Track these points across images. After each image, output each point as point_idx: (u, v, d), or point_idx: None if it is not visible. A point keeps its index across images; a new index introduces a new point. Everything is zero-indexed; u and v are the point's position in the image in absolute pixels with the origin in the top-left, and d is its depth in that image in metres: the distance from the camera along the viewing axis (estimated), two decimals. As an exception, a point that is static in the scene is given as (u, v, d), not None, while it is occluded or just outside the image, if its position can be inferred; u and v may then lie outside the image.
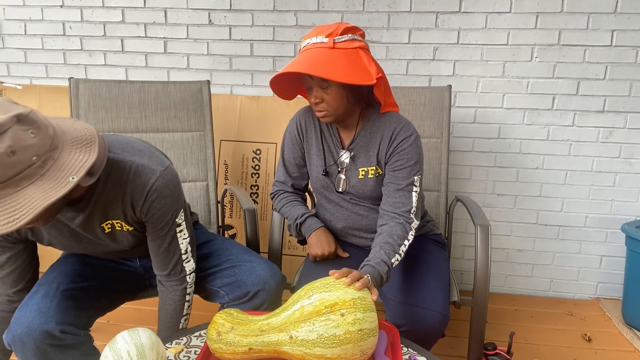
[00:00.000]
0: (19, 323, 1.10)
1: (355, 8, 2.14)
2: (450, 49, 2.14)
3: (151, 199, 1.08)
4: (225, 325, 0.95)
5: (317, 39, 1.27)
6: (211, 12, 2.22)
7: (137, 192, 1.07)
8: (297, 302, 0.92)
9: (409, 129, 1.35)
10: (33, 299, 1.15)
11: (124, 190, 1.07)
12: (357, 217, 1.45)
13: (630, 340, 1.98)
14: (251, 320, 0.96)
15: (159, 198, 1.09)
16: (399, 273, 1.37)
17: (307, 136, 1.47)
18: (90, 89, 1.80)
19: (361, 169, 1.39)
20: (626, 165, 2.18)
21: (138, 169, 1.07)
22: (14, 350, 1.12)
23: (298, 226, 1.47)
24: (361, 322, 0.88)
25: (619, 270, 2.24)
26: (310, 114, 1.48)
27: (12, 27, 2.34)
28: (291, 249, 2.25)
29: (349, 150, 1.40)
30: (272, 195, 1.57)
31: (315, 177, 1.46)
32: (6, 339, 1.11)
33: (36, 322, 1.10)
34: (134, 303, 1.32)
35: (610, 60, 2.07)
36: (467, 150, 2.24)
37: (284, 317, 0.92)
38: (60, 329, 1.11)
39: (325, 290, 0.91)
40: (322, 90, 1.28)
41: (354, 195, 1.42)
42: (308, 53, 1.25)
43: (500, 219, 2.30)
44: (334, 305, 0.89)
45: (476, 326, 1.46)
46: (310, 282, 0.97)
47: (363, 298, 0.92)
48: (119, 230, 1.14)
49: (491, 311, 2.17)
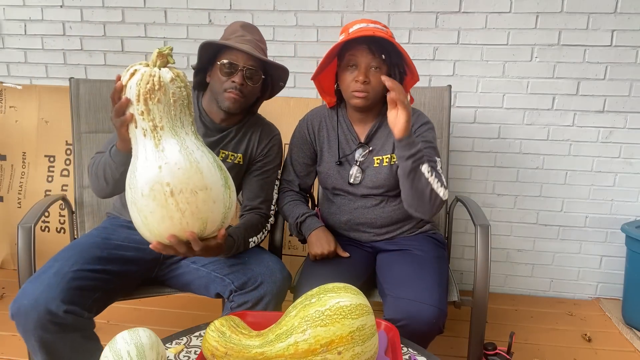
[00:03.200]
0: (26, 295, 1.12)
1: (355, 8, 2.14)
2: (450, 49, 2.14)
3: (272, 142, 1.51)
4: (219, 349, 0.90)
5: (375, 25, 1.34)
6: (211, 12, 2.22)
7: (266, 134, 1.50)
8: (290, 335, 0.86)
9: (424, 117, 1.47)
10: (46, 273, 1.17)
11: (258, 130, 1.49)
12: (363, 211, 1.48)
13: (630, 340, 1.98)
14: (245, 346, 0.90)
15: (276, 145, 1.52)
16: (397, 270, 1.38)
17: (319, 135, 1.53)
18: (90, 89, 1.80)
19: (376, 157, 1.44)
20: (626, 165, 2.18)
21: (269, 123, 1.55)
22: (15, 323, 1.13)
23: (298, 225, 1.49)
24: (359, 356, 0.84)
25: (619, 270, 2.24)
26: (323, 114, 1.53)
27: (12, 27, 2.34)
28: (291, 249, 2.26)
29: (366, 144, 1.46)
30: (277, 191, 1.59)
31: (327, 170, 1.50)
32: (12, 309, 1.13)
33: (42, 297, 1.11)
34: (134, 303, 1.32)
35: (610, 60, 2.07)
36: (467, 150, 2.24)
37: (278, 349, 0.86)
38: (65, 309, 1.12)
39: (320, 323, 0.84)
40: (373, 71, 1.33)
41: (365, 187, 1.45)
42: (372, 31, 1.30)
43: (500, 219, 2.30)
44: (330, 344, 0.83)
45: (476, 326, 1.46)
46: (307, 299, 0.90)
47: (362, 327, 0.85)
48: (227, 162, 1.45)
49: (491, 311, 2.17)
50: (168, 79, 1.01)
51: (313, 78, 1.46)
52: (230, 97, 1.34)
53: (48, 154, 2.34)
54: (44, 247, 2.31)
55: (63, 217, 2.34)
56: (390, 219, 1.48)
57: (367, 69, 1.33)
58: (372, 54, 1.32)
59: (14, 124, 2.34)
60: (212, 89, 1.40)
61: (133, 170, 1.00)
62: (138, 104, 0.99)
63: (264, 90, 1.48)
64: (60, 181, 2.34)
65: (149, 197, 0.96)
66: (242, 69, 1.34)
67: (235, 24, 1.45)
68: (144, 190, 0.96)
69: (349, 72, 1.36)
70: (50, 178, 2.34)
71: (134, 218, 1.01)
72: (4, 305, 2.12)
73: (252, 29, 1.45)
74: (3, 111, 2.34)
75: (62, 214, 2.34)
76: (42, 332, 1.11)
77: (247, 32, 1.42)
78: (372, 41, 1.32)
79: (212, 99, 1.42)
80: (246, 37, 1.39)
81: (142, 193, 0.96)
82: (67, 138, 2.29)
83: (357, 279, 1.37)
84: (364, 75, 1.33)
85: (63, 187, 2.33)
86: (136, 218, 1.00)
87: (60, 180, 2.34)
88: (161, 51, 1.02)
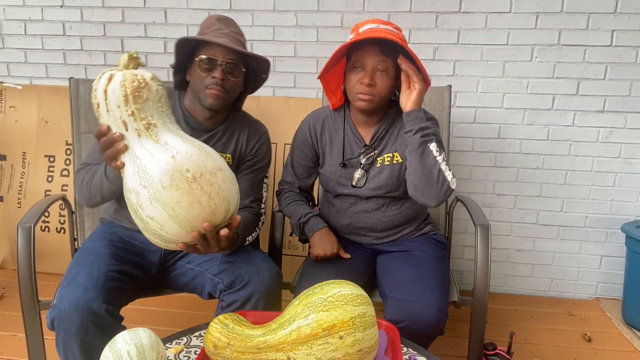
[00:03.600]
0: (65, 299, 1.12)
1: (355, 8, 2.14)
2: (450, 49, 2.14)
3: (261, 141, 1.48)
4: (222, 340, 0.92)
5: (385, 26, 1.31)
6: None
7: (255, 133, 1.48)
8: (293, 321, 0.88)
9: (429, 113, 1.44)
10: (77, 278, 1.17)
11: (246, 129, 1.46)
12: (363, 215, 1.47)
13: (630, 340, 1.98)
14: (247, 335, 0.92)
15: (265, 144, 1.49)
16: (398, 271, 1.38)
17: (322, 137, 1.50)
18: (90, 89, 1.80)
19: (379, 158, 1.43)
20: (626, 165, 2.18)
21: (256, 120, 1.52)
22: (56, 328, 1.12)
23: (301, 225, 1.48)
24: (361, 343, 0.86)
25: (619, 270, 2.24)
26: (325, 116, 1.51)
27: (12, 27, 2.34)
28: (291, 249, 2.25)
29: (372, 147, 1.44)
30: (278, 193, 1.60)
31: (329, 173, 1.48)
32: (51, 316, 1.12)
33: (84, 299, 1.11)
34: (134, 303, 1.32)
35: (610, 60, 2.07)
36: (467, 150, 2.24)
37: (280, 335, 0.88)
38: (105, 308, 1.13)
39: (322, 309, 0.86)
40: (379, 73, 1.31)
41: (368, 189, 1.44)
42: (382, 32, 1.28)
43: (500, 219, 2.30)
44: (332, 328, 0.85)
45: (476, 326, 1.46)
46: (309, 290, 0.93)
47: (362, 314, 0.87)
48: None
49: (491, 311, 2.17)
50: (149, 77, 1.01)
51: (320, 77, 1.43)
52: (212, 93, 1.30)
53: (48, 154, 2.34)
54: (44, 247, 2.31)
55: (63, 217, 2.34)
56: (391, 223, 1.47)
57: (373, 71, 1.31)
58: (379, 56, 1.30)
59: (14, 124, 2.34)
60: (193, 87, 1.37)
61: (138, 170, 0.96)
62: (127, 105, 0.97)
63: (247, 84, 1.44)
64: (60, 181, 2.34)
65: (171, 188, 0.93)
66: (222, 64, 1.30)
67: (211, 17, 1.41)
68: (163, 182, 0.93)
69: (355, 73, 1.33)
70: (50, 178, 2.34)
71: (158, 217, 0.95)
72: (4, 305, 2.12)
73: (228, 21, 1.41)
74: (3, 111, 2.35)
75: (62, 214, 2.34)
76: (84, 334, 1.11)
77: (223, 25, 1.38)
78: (381, 43, 1.29)
79: (194, 98, 1.38)
80: (223, 31, 1.35)
81: (163, 185, 0.93)
82: (67, 138, 2.30)
83: (357, 279, 1.36)
84: (370, 77, 1.30)
85: (63, 187, 2.33)
86: (160, 216, 0.94)
87: (60, 180, 2.34)
88: (132, 54, 1.02)
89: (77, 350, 1.11)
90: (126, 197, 0.98)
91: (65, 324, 1.10)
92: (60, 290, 1.16)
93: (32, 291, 1.30)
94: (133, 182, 0.96)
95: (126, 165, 0.99)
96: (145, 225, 0.97)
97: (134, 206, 0.96)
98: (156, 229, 0.96)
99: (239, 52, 1.32)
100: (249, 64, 1.39)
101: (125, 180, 0.98)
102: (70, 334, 1.10)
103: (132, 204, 0.97)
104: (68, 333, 1.11)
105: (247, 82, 1.43)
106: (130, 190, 0.96)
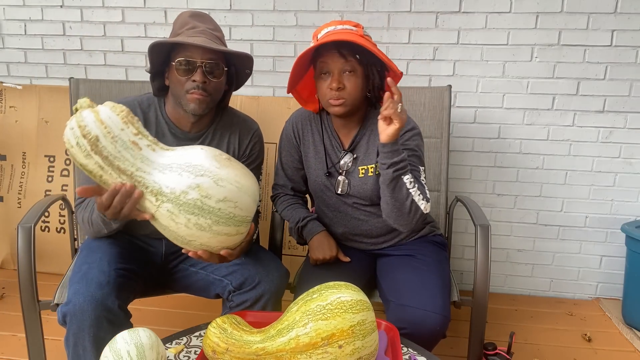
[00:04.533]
0: (78, 294, 1.11)
1: (355, 8, 2.14)
2: (450, 49, 2.14)
3: (254, 140, 1.42)
4: (220, 345, 0.91)
5: (342, 26, 1.27)
6: (211, 12, 2.22)
7: (246, 132, 1.41)
8: (292, 329, 0.87)
9: (411, 122, 1.38)
10: (90, 273, 1.16)
11: (237, 130, 1.39)
12: (357, 222, 1.45)
13: (630, 340, 1.98)
14: (246, 341, 0.91)
15: (258, 142, 1.44)
16: (399, 275, 1.37)
17: (304, 139, 1.47)
18: (90, 89, 1.80)
19: (361, 167, 1.39)
20: (626, 165, 2.18)
21: (245, 118, 1.45)
22: (68, 323, 1.11)
23: (299, 229, 1.46)
24: (360, 351, 0.85)
25: (619, 270, 2.24)
26: (308, 116, 1.47)
27: (12, 27, 2.34)
28: (291, 249, 2.25)
29: (351, 151, 1.40)
30: (273, 197, 1.57)
31: (314, 180, 1.45)
32: (63, 311, 1.11)
33: (98, 294, 1.11)
34: (134, 303, 1.32)
35: (610, 60, 2.07)
36: (467, 150, 2.24)
37: (279, 343, 0.87)
38: (118, 304, 1.13)
39: (321, 317, 0.85)
40: (347, 75, 1.27)
41: (354, 197, 1.41)
42: (339, 33, 1.24)
43: (500, 219, 2.30)
44: (331, 337, 0.84)
45: (476, 326, 1.46)
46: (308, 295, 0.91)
47: (362, 322, 0.86)
48: None
49: (491, 311, 2.17)
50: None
51: (289, 91, 1.37)
52: (194, 98, 1.22)
53: (48, 154, 2.34)
54: (44, 247, 2.31)
55: (63, 217, 2.34)
56: (386, 228, 1.44)
57: (340, 74, 1.26)
58: (343, 58, 1.25)
59: (14, 124, 2.34)
60: (173, 93, 1.27)
61: (183, 169, 0.94)
62: (128, 127, 0.97)
63: (230, 82, 1.35)
64: (60, 181, 2.34)
65: (223, 166, 0.98)
66: (201, 65, 1.21)
67: (183, 14, 1.31)
68: (216, 164, 0.97)
69: (323, 80, 1.29)
70: (50, 178, 2.34)
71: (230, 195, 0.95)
72: (4, 305, 2.12)
73: (203, 17, 1.31)
74: (3, 111, 2.35)
75: (62, 214, 2.34)
76: (96, 329, 1.09)
77: (198, 21, 1.28)
78: (341, 44, 1.24)
79: (176, 104, 1.28)
80: (198, 28, 1.26)
81: (217, 166, 0.97)
82: (67, 138, 2.29)
83: (357, 281, 1.35)
84: (337, 81, 1.25)
85: (63, 187, 2.33)
86: (231, 191, 0.96)
87: (60, 180, 2.34)
88: (87, 99, 1.00)
89: (88, 345, 1.10)
90: (182, 202, 0.93)
91: (79, 318, 1.09)
92: (72, 285, 1.15)
93: (32, 291, 1.30)
94: (184, 182, 0.94)
95: (163, 176, 0.96)
96: (216, 217, 0.95)
97: (198, 202, 0.93)
98: (230, 209, 0.96)
99: (218, 51, 1.23)
100: (230, 61, 1.31)
101: (173, 188, 0.94)
102: (83, 328, 1.09)
103: (194, 201, 0.93)
104: (81, 328, 1.09)
105: (230, 80, 1.34)
106: (185, 192, 0.93)
